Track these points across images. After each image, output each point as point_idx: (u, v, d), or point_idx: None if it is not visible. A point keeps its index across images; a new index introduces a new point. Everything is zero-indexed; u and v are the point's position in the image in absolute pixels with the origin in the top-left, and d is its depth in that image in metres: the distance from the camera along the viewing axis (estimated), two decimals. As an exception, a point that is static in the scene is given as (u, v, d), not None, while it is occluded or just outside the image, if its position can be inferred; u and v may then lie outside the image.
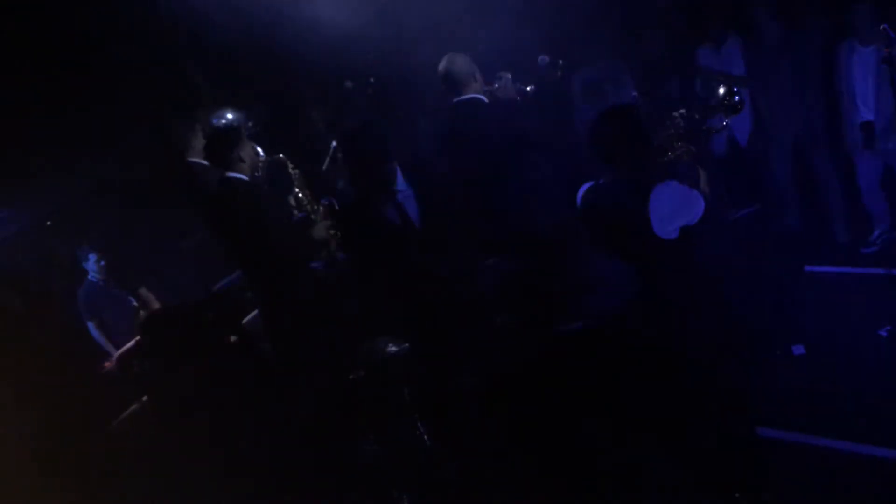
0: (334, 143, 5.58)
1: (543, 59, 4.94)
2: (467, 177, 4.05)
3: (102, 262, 5.14)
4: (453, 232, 3.58)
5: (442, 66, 4.09)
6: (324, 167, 5.55)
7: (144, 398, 4.68)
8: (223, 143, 4.10)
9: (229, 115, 4.63)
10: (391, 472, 3.53)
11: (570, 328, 1.93)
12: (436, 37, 5.08)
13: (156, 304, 5.31)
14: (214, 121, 4.64)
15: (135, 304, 5.34)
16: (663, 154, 2.98)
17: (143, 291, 5.35)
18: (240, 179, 4.07)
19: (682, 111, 2.92)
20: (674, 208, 2.79)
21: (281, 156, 4.56)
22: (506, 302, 3.30)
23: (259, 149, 4.42)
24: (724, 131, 3.23)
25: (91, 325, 5.17)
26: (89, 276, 5.24)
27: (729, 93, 2.92)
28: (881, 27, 3.93)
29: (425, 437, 3.65)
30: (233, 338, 4.77)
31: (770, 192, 5.65)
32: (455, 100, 4.08)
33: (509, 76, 4.36)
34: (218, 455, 3.99)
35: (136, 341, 4.65)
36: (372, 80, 4.18)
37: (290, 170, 4.60)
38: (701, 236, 2.83)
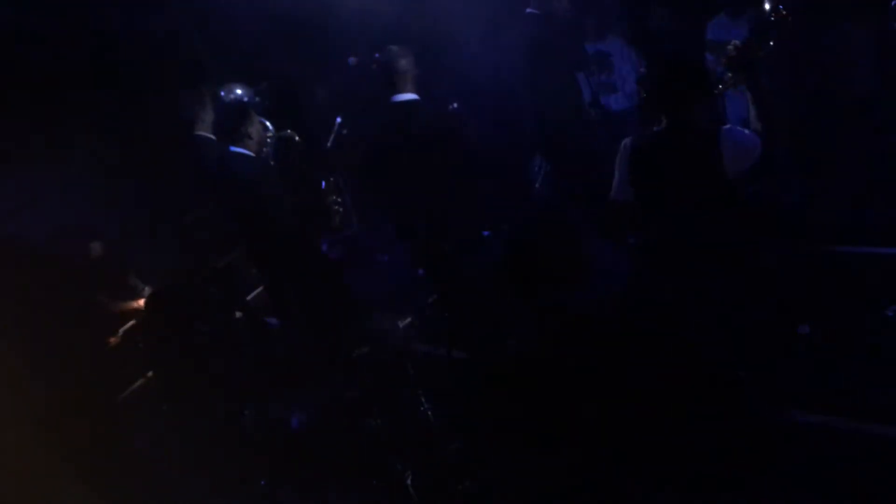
0: (339, 120, 5.56)
1: None
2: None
3: None
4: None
5: None
6: (328, 144, 5.54)
7: (149, 374, 4.69)
8: (230, 118, 4.08)
9: (238, 91, 4.59)
10: (395, 447, 3.55)
11: (579, 306, 1.91)
12: (438, 12, 5.04)
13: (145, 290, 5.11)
14: (223, 94, 4.60)
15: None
16: (714, 87, 2.95)
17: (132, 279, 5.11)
18: (243, 154, 4.03)
19: (737, 42, 2.88)
20: (737, 152, 2.80)
21: (289, 131, 4.54)
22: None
23: (268, 123, 4.40)
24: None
25: None
26: None
27: (774, 9, 2.87)
28: (892, 3, 3.92)
29: (429, 412, 3.66)
30: (238, 314, 4.79)
31: (771, 169, 5.60)
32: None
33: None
34: (221, 431, 4.02)
35: (141, 317, 4.65)
36: (377, 55, 4.14)
37: (299, 146, 4.58)
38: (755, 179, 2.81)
